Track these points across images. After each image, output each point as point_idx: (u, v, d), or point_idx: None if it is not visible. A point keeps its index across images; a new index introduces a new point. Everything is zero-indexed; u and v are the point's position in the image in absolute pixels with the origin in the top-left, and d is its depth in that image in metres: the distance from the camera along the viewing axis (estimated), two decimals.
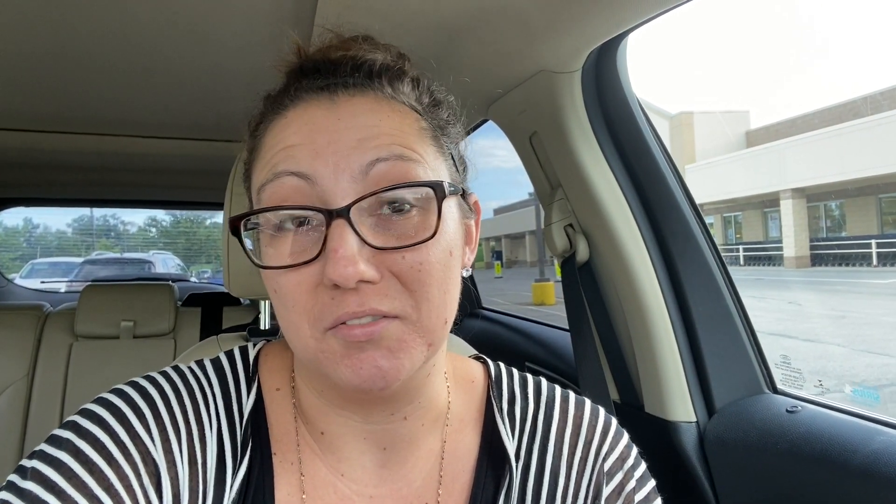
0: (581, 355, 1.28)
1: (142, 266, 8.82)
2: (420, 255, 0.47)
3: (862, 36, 69.88)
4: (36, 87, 1.53)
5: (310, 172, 0.47)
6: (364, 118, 0.50)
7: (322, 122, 0.50)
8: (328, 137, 0.48)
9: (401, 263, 0.47)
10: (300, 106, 0.51)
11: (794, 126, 17.99)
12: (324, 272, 0.45)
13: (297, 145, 0.49)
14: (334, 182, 0.47)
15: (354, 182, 0.47)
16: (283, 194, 0.48)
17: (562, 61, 1.11)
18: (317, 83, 0.52)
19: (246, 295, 0.97)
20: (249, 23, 1.17)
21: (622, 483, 0.59)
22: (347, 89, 0.51)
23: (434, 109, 0.56)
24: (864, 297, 10.34)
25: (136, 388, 0.53)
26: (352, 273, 0.44)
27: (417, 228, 0.48)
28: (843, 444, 0.87)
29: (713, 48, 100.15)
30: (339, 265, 0.44)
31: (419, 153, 0.50)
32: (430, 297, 0.48)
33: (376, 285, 0.46)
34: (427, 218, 0.48)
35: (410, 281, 0.47)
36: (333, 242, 0.45)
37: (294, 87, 0.53)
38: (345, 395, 0.53)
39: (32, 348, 2.15)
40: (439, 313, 0.49)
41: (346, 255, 0.44)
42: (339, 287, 0.45)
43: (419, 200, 0.48)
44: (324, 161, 0.47)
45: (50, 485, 0.46)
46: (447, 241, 0.50)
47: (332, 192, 0.47)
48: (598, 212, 1.20)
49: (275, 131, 0.52)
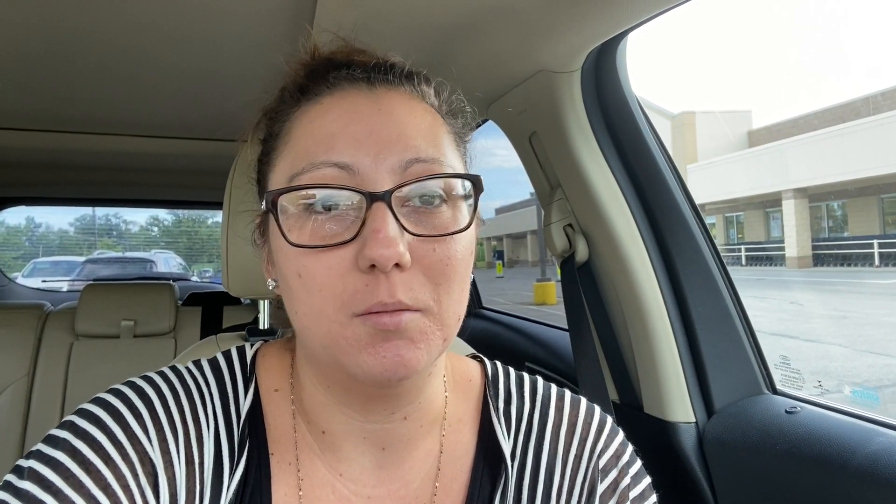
0: (580, 355, 1.28)
1: (143, 265, 8.83)
2: (449, 249, 0.49)
3: (862, 37, 69.76)
4: (38, 86, 1.53)
5: (350, 162, 0.48)
6: (402, 112, 0.51)
7: (363, 109, 0.50)
8: (369, 127, 0.49)
9: (431, 256, 0.48)
10: (338, 93, 0.52)
11: (796, 126, 17.97)
12: (361, 253, 0.46)
13: (336, 134, 0.49)
14: (374, 170, 0.48)
15: (393, 174, 0.48)
16: (320, 182, 0.49)
17: (561, 61, 1.11)
18: (356, 73, 0.53)
19: (245, 294, 0.97)
20: (249, 24, 1.17)
21: (617, 480, 0.59)
22: (385, 83, 0.53)
23: (452, 118, 0.57)
24: (865, 297, 10.33)
25: (133, 388, 0.53)
26: (392, 254, 0.44)
27: (448, 223, 0.49)
28: (842, 445, 0.87)
29: (715, 47, 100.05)
30: (382, 245, 0.44)
31: (448, 156, 0.52)
32: (452, 291, 0.49)
33: (404, 274, 0.46)
34: (455, 214, 0.50)
35: (437, 274, 0.48)
36: (375, 223, 0.46)
37: (333, 75, 0.53)
38: (353, 391, 0.53)
39: (33, 347, 2.15)
40: (456, 309, 0.50)
41: (388, 236, 0.45)
42: (372, 272, 0.46)
43: (450, 198, 0.50)
44: (365, 151, 0.48)
45: (47, 485, 0.46)
46: (470, 240, 0.51)
47: (371, 178, 0.48)
48: (598, 212, 1.20)
49: (309, 117, 0.52)
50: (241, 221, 0.89)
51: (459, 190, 0.50)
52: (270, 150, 0.55)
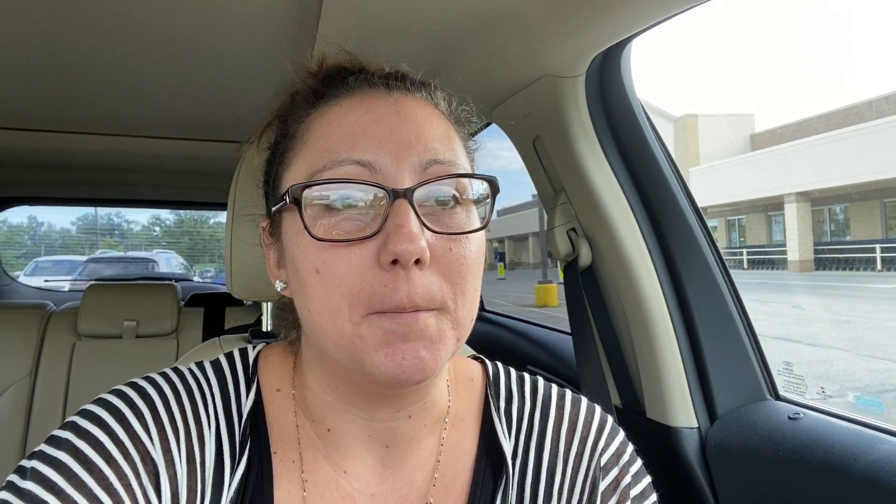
0: (583, 359, 1.28)
1: (145, 265, 8.83)
2: (464, 248, 0.50)
3: (864, 41, 69.70)
4: (41, 87, 1.54)
5: (372, 160, 0.49)
6: (420, 117, 0.52)
7: (383, 111, 0.52)
8: (389, 128, 0.50)
9: (448, 255, 0.49)
10: (357, 95, 0.54)
11: (799, 130, 17.95)
12: (384, 248, 0.46)
13: (357, 133, 0.50)
14: (396, 168, 0.49)
15: (413, 173, 0.49)
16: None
17: (566, 66, 1.11)
18: (374, 78, 0.54)
19: (249, 297, 0.97)
20: (252, 30, 1.17)
21: (618, 478, 0.60)
22: (402, 89, 0.54)
23: (460, 127, 0.58)
24: (867, 301, 10.31)
25: (134, 389, 0.54)
26: (415, 249, 0.45)
27: (462, 224, 0.51)
28: (844, 453, 0.87)
29: (718, 49, 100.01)
30: (406, 239, 0.45)
31: (462, 161, 0.53)
32: (467, 291, 0.50)
33: (423, 273, 0.47)
34: (469, 217, 0.52)
35: (453, 273, 0.49)
36: (399, 219, 0.46)
37: (353, 79, 0.55)
38: (361, 391, 0.53)
39: (35, 347, 2.15)
40: (469, 309, 0.51)
41: (411, 231, 0.46)
42: (393, 269, 0.46)
43: (463, 199, 0.51)
44: (386, 150, 0.49)
45: (49, 484, 0.46)
46: (482, 242, 0.52)
47: (393, 176, 0.49)
48: (601, 216, 1.20)
49: (328, 118, 0.53)
50: (245, 225, 0.89)
51: (471, 193, 0.52)
52: (285, 150, 0.56)
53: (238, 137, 0.69)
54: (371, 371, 0.47)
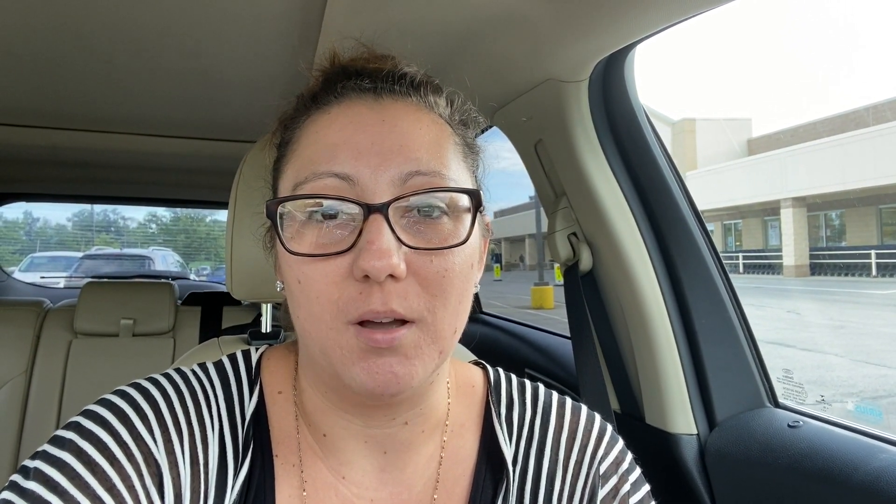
0: (582, 364, 1.28)
1: (141, 262, 8.82)
2: (447, 261, 0.49)
3: (865, 45, 70.07)
4: (39, 83, 1.53)
5: (351, 173, 0.49)
6: (406, 124, 0.51)
7: (366, 119, 0.51)
8: (371, 138, 0.50)
9: (428, 267, 0.48)
10: (345, 103, 0.53)
11: (796, 135, 18.01)
12: (355, 263, 0.46)
13: (339, 144, 0.50)
14: (374, 181, 0.48)
15: (392, 185, 0.49)
16: (321, 192, 0.49)
17: (569, 70, 1.10)
18: (363, 84, 0.53)
19: (249, 298, 0.97)
20: (254, 30, 1.17)
21: (617, 486, 0.60)
22: (392, 94, 0.53)
23: (464, 128, 0.58)
24: (862, 306, 10.34)
25: (138, 389, 0.54)
26: (385, 266, 0.45)
27: (448, 235, 0.50)
28: (844, 461, 0.87)
29: (717, 54, 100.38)
30: (374, 256, 0.45)
31: (452, 169, 0.52)
32: (448, 303, 0.49)
33: (399, 284, 0.47)
34: (457, 227, 0.50)
35: (433, 285, 0.48)
36: (370, 235, 0.46)
37: (340, 85, 0.54)
38: (350, 398, 0.54)
39: (31, 344, 2.14)
40: (452, 321, 0.51)
41: (381, 248, 0.46)
42: (367, 281, 0.46)
43: (451, 210, 0.50)
44: (366, 161, 0.49)
45: (52, 485, 0.46)
46: (470, 253, 0.52)
47: (371, 189, 0.48)
48: (602, 221, 1.20)
49: (316, 126, 0.53)
50: (246, 225, 0.89)
51: (463, 203, 0.51)
52: (281, 157, 0.57)
53: (236, 136, 0.68)
54: (349, 383, 0.48)
